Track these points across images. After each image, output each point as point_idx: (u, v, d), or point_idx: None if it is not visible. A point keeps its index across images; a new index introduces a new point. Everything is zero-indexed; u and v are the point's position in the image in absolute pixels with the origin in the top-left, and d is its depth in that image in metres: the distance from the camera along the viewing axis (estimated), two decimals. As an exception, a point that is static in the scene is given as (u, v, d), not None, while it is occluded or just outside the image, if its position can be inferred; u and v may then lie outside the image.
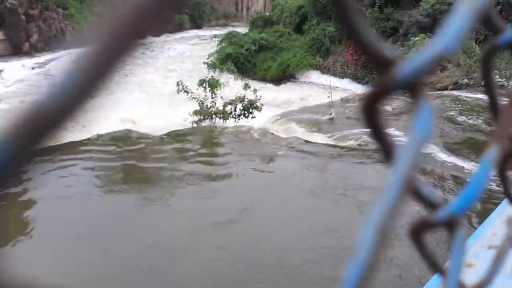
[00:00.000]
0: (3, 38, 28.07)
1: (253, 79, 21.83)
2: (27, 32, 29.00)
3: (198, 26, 44.95)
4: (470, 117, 13.02)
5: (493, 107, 0.40)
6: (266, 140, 12.51)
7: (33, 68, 24.72)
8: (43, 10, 30.32)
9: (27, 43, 28.81)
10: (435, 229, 0.34)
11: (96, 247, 6.97)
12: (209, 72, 15.47)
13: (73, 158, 10.55)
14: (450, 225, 0.34)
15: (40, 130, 0.16)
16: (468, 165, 9.72)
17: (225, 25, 44.41)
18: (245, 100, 13.94)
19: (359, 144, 11.70)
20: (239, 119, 13.95)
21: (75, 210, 8.22)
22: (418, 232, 0.34)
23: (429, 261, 0.35)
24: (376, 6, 22.67)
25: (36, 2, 30.03)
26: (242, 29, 30.15)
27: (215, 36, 34.70)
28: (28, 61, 25.73)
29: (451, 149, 10.62)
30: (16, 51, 27.99)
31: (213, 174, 9.71)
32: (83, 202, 8.58)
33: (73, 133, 13.36)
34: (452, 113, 13.39)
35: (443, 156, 10.16)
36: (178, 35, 39.69)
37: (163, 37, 38.71)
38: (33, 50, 28.51)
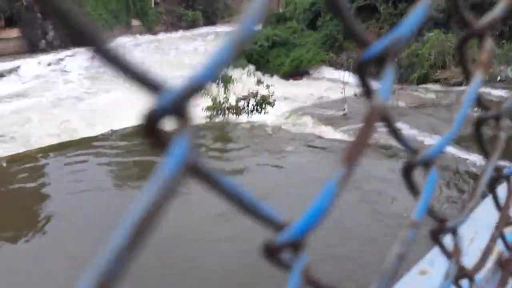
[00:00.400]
0: (20, 36, 28.46)
1: (267, 74, 21.85)
2: (43, 30, 29.36)
3: (212, 23, 45.00)
4: (478, 111, 12.93)
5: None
6: (278, 135, 12.52)
7: (49, 65, 25.03)
8: (58, 7, 30.60)
9: (43, 41, 29.17)
10: (282, 251, 0.33)
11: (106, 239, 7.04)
12: (223, 68, 15.46)
13: (87, 153, 10.68)
14: (294, 248, 0.33)
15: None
16: (476, 159, 9.75)
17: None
18: (258, 95, 13.95)
19: (372, 140, 11.65)
20: (252, 115, 13.97)
21: (88, 205, 8.32)
22: (270, 253, 0.33)
23: None
24: (390, 2, 22.49)
25: (52, 0, 30.32)
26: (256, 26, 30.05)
27: (228, 32, 34.62)
28: (44, 58, 26.05)
29: (463, 145, 10.50)
30: (32, 48, 28.35)
31: (225, 168, 9.75)
32: (96, 196, 8.69)
33: (87, 128, 13.53)
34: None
35: (453, 150, 10.08)
36: (192, 32, 39.84)
37: (177, 33, 38.93)
38: (49, 47, 28.85)
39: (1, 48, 26.92)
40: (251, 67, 22.27)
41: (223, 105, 13.86)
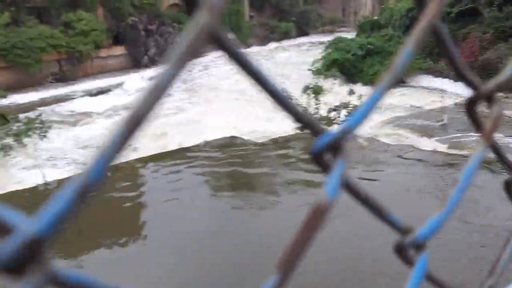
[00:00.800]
0: (125, 53, 30.57)
1: (360, 84, 21.39)
2: (146, 47, 31.31)
3: (305, 33, 45.16)
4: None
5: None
6: (371, 147, 12.14)
7: (150, 80, 26.61)
8: (160, 25, 32.54)
9: (145, 57, 31.09)
10: None
11: (202, 247, 7.25)
12: (314, 78, 15.41)
13: (182, 163, 11.11)
14: None
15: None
16: None
17: (331, 31, 44.07)
18: (350, 106, 13.67)
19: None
20: (343, 126, 13.71)
21: (182, 213, 8.62)
22: None
23: None
24: (494, 5, 21.05)
25: (155, 18, 32.33)
26: (349, 35, 29.69)
27: (321, 42, 34.61)
28: (146, 73, 27.73)
29: None
30: (136, 64, 30.33)
31: (314, 180, 9.62)
32: (190, 206, 8.98)
33: (183, 139, 14.12)
34: None
35: None
36: (284, 43, 40.25)
37: (270, 45, 39.54)
38: (151, 63, 30.68)
39: (109, 64, 29.10)
40: (344, 77, 21.94)
41: (314, 116, 13.76)
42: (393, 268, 4.92)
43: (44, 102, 22.41)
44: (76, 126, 18.85)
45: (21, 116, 15.81)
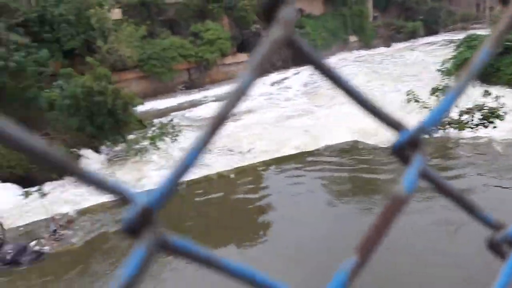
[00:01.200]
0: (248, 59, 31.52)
1: (496, 85, 19.59)
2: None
3: (433, 32, 42.73)
4: None
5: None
6: (508, 153, 11.04)
7: (272, 85, 27.13)
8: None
9: (268, 62, 31.78)
10: None
11: (320, 251, 7.16)
12: (444, 79, 14.45)
13: (303, 167, 11.11)
14: None
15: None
16: None
17: (464, 29, 41.10)
18: (485, 108, 12.57)
19: None
20: (477, 129, 12.65)
21: (301, 217, 8.60)
22: None
23: None
24: None
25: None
26: (484, 32, 27.47)
27: (451, 41, 32.51)
28: (268, 79, 28.33)
29: None
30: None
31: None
32: (310, 209, 8.93)
33: (303, 143, 14.13)
34: None
35: None
36: (412, 43, 38.51)
37: (395, 46, 38.08)
38: (272, 68, 31.27)
39: (233, 71, 30.27)
40: (477, 77, 20.30)
41: (444, 120, 12.89)
42: None
43: (177, 108, 24.01)
44: (203, 130, 19.80)
45: (155, 121, 17.08)
